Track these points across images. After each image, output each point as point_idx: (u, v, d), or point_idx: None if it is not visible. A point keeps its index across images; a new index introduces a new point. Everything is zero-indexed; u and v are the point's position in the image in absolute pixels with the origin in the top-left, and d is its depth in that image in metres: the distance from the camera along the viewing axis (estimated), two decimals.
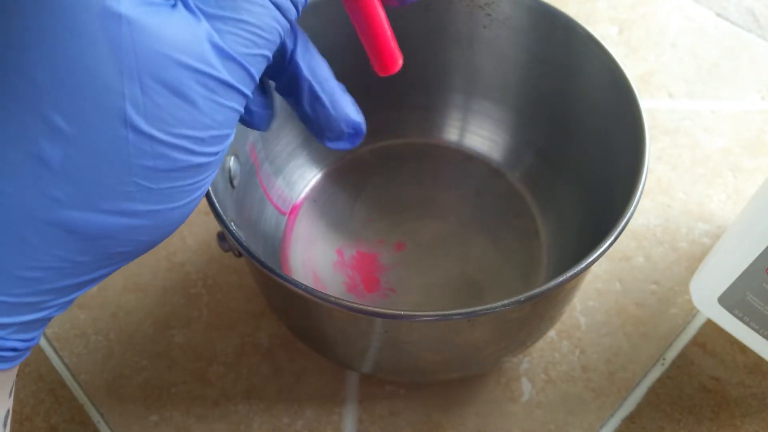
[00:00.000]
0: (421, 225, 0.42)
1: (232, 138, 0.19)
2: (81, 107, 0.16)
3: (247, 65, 0.18)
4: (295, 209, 0.43)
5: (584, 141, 0.39)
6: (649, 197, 0.46)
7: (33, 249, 0.17)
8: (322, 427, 0.37)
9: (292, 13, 0.19)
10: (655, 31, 0.56)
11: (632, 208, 0.29)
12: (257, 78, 0.19)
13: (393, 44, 0.25)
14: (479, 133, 0.45)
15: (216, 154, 0.19)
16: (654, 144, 0.49)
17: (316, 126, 0.24)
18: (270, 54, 0.19)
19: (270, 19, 0.18)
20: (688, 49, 0.55)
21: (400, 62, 0.26)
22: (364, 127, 0.25)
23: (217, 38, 0.17)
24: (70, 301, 0.19)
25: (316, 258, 0.41)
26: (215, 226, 0.29)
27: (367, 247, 0.41)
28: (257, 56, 0.18)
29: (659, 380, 0.39)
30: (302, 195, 0.43)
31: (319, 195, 0.44)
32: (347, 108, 0.24)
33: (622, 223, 0.29)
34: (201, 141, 0.18)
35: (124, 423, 0.38)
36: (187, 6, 0.17)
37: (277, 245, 0.41)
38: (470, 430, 0.37)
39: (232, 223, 0.30)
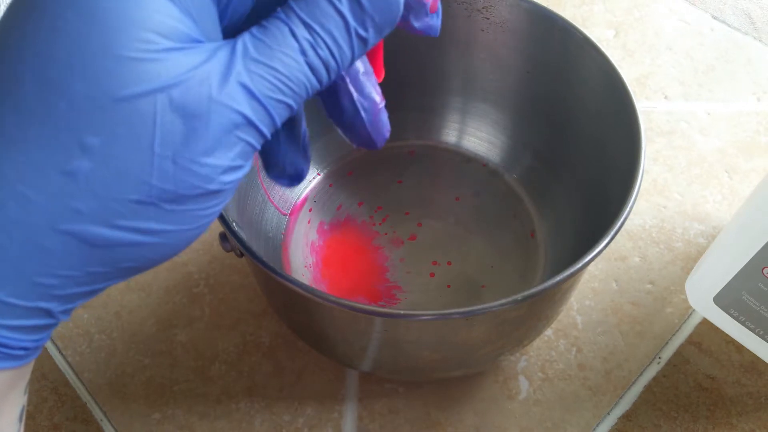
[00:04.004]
0: (419, 225, 0.43)
1: (246, 170, 0.20)
2: (115, 131, 0.17)
3: (269, 107, 0.19)
4: (295, 210, 0.43)
5: (581, 142, 0.39)
6: (645, 198, 0.47)
7: (51, 257, 0.18)
8: (323, 425, 0.38)
9: (323, 75, 0.20)
10: (651, 33, 0.57)
11: (628, 209, 0.30)
12: (278, 122, 0.20)
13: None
14: (477, 135, 0.45)
15: (229, 183, 0.20)
16: (650, 145, 0.49)
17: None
18: (294, 105, 0.20)
19: (300, 74, 0.20)
20: (684, 52, 0.55)
21: (382, 76, 0.26)
22: (305, 174, 0.27)
23: (245, 77, 0.19)
24: (74, 308, 0.20)
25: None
26: (217, 227, 0.29)
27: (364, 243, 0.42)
28: (281, 102, 0.20)
29: (655, 379, 0.39)
30: (303, 196, 0.44)
31: (319, 196, 0.44)
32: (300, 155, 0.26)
33: (618, 224, 0.29)
34: (218, 169, 0.19)
35: (127, 421, 0.38)
36: (233, 48, 0.19)
37: (278, 245, 0.41)
38: (468, 428, 0.38)
39: (234, 224, 0.30)
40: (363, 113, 0.24)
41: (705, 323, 0.41)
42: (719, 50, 0.55)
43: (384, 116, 0.24)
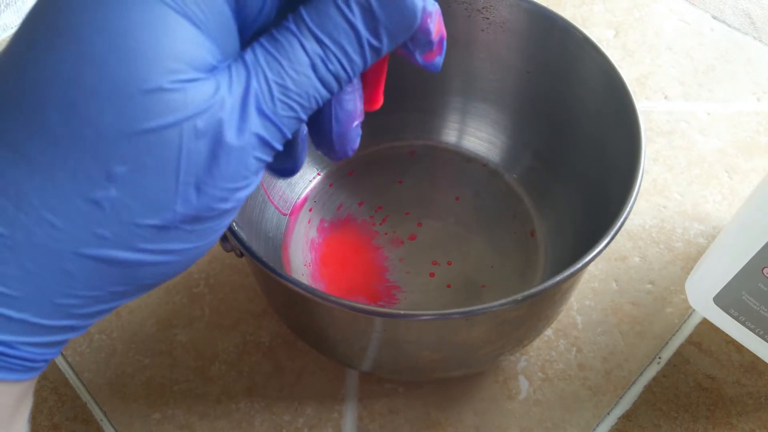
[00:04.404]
0: (419, 225, 0.43)
1: (257, 183, 0.20)
2: (142, 161, 0.18)
3: (281, 126, 0.19)
4: (295, 210, 0.43)
5: (581, 142, 0.39)
6: (645, 198, 0.47)
7: (73, 279, 0.18)
8: (323, 425, 0.38)
9: (333, 87, 0.20)
10: (651, 33, 0.57)
11: (628, 209, 0.30)
12: (289, 136, 0.20)
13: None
14: (477, 135, 0.45)
15: (243, 198, 0.20)
16: (650, 145, 0.49)
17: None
18: (304, 117, 0.20)
19: (311, 89, 0.20)
20: (684, 52, 0.55)
21: (379, 103, 0.26)
22: (298, 169, 0.26)
23: (262, 102, 0.19)
24: (94, 322, 0.20)
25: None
26: None
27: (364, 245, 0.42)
28: (292, 119, 0.20)
29: (655, 379, 0.39)
30: (303, 196, 0.44)
31: (319, 196, 0.44)
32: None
33: (618, 224, 0.29)
34: (235, 190, 0.19)
35: (127, 421, 0.38)
36: (247, 69, 0.19)
37: (278, 245, 0.41)
38: (468, 428, 0.38)
39: (234, 224, 0.30)
40: (334, 122, 0.23)
41: (705, 323, 0.41)
42: (719, 50, 0.55)
43: (354, 133, 0.23)
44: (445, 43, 0.23)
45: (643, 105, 0.52)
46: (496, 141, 0.45)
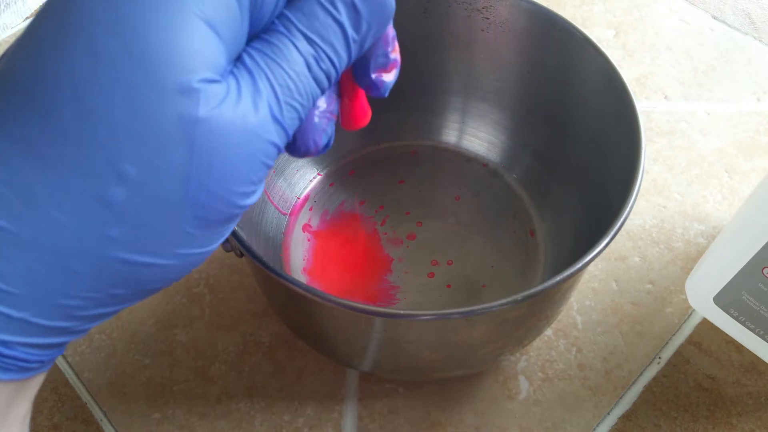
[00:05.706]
0: (419, 225, 0.43)
1: (262, 190, 0.21)
2: (152, 162, 0.17)
3: (287, 127, 0.20)
4: (295, 210, 0.43)
5: (581, 142, 0.39)
6: (645, 198, 0.47)
7: (78, 279, 0.18)
8: (323, 425, 0.38)
9: (325, 85, 0.21)
10: (651, 33, 0.57)
11: (628, 209, 0.30)
12: (291, 136, 0.20)
13: (366, 109, 0.25)
14: (477, 135, 0.45)
15: (249, 204, 0.20)
16: (650, 145, 0.49)
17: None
18: (304, 116, 0.20)
19: (308, 88, 0.20)
20: (683, 52, 0.55)
21: (368, 118, 0.26)
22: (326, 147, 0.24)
23: (273, 106, 0.19)
24: (92, 327, 0.20)
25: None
26: None
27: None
28: (295, 119, 0.20)
29: (655, 379, 0.39)
30: (303, 196, 0.44)
31: (319, 196, 0.44)
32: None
33: (618, 224, 0.29)
34: (245, 195, 0.19)
35: (127, 421, 0.38)
36: (251, 72, 0.19)
37: (278, 245, 0.41)
38: (468, 428, 0.38)
39: None
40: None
41: (705, 323, 0.41)
42: (719, 50, 0.55)
43: (320, 125, 0.22)
44: (397, 71, 0.23)
45: (643, 105, 0.52)
46: (496, 141, 0.45)
